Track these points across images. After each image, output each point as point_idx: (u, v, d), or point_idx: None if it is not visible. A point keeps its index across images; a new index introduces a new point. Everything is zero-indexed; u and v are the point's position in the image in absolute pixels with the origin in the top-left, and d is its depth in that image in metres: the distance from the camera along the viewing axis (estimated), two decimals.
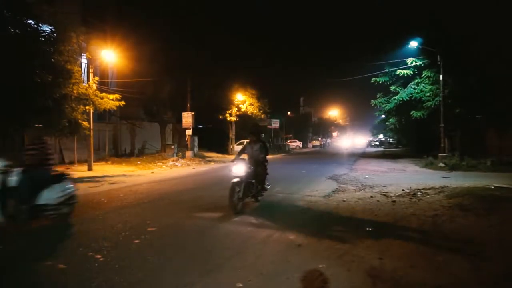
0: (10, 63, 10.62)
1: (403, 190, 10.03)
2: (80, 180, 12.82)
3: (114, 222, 6.51)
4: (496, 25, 18.58)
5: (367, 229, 5.98)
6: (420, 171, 16.42)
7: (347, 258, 4.58)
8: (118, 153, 24.05)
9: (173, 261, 4.56)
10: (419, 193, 9.40)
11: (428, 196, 8.88)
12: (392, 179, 13.06)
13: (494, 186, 9.68)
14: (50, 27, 12.24)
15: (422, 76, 21.63)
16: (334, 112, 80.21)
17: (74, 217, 6.70)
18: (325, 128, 76.76)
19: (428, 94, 21.27)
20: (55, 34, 12.19)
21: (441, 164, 17.54)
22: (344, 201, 8.63)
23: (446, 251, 4.86)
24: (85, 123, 13.87)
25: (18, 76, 10.74)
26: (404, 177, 13.63)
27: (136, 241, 5.37)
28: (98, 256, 4.65)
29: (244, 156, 8.17)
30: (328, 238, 5.52)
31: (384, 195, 9.37)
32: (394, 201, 8.40)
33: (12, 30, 11.45)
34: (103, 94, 15.15)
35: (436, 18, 20.87)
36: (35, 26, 11.85)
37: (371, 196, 9.17)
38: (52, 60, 11.88)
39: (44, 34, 11.99)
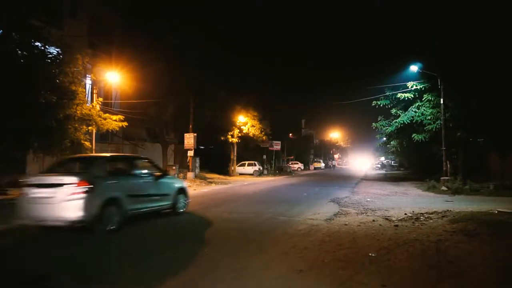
0: (16, 84, 10.77)
1: (405, 214, 9.92)
2: None
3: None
4: (498, 49, 18.79)
5: (370, 254, 5.88)
6: (422, 195, 16.28)
7: (349, 285, 4.49)
8: None
9: None
10: (422, 217, 9.29)
11: (431, 221, 8.77)
12: (395, 202, 12.94)
13: (498, 211, 9.57)
14: (57, 49, 12.50)
15: (423, 99, 21.77)
16: (335, 134, 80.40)
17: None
18: (326, 150, 76.75)
19: (429, 117, 21.34)
20: (61, 56, 12.43)
21: (444, 188, 17.41)
22: (346, 224, 8.53)
23: (450, 278, 4.76)
24: (87, 143, 13.92)
25: (23, 97, 10.87)
26: (407, 201, 13.51)
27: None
28: None
29: None
30: (330, 263, 5.43)
31: (387, 219, 9.26)
32: (396, 226, 8.29)
33: (19, 52, 11.68)
34: (106, 114, 15.28)
35: (436, 43, 21.17)
36: (42, 48, 12.09)
37: (373, 220, 9.06)
38: (57, 81, 12.06)
39: (50, 56, 12.23)
